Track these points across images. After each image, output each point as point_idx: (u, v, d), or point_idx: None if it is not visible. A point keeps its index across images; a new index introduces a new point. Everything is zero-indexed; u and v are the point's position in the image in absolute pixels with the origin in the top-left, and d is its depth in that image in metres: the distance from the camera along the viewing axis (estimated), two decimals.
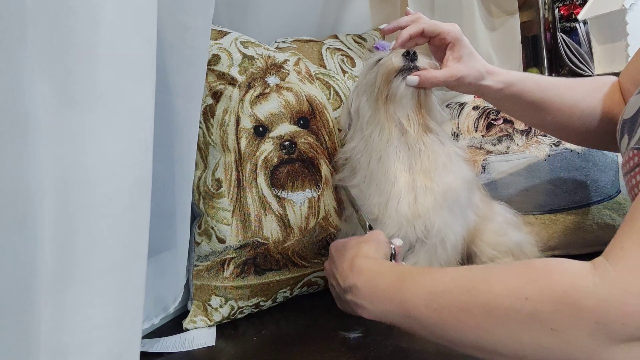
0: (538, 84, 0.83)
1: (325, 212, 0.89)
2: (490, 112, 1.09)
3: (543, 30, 1.69)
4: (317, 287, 0.93)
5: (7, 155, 0.42)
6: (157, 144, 0.57)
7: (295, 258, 0.87)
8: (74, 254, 0.47)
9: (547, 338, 0.47)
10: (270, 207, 0.84)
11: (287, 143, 0.86)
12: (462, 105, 1.13)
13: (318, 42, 1.02)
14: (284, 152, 0.86)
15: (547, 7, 1.70)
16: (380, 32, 0.87)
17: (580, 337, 0.46)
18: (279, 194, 0.85)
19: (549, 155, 1.01)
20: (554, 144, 1.02)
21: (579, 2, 1.73)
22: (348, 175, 0.87)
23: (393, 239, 0.73)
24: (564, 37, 1.71)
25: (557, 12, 1.74)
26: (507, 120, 1.07)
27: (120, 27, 0.50)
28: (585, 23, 1.65)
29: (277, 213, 0.85)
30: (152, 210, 0.56)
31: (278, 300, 0.89)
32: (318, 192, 0.88)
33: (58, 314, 0.47)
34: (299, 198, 0.86)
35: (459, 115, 1.12)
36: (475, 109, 1.11)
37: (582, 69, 1.69)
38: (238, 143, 0.84)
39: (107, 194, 0.49)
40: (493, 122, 1.08)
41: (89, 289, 0.49)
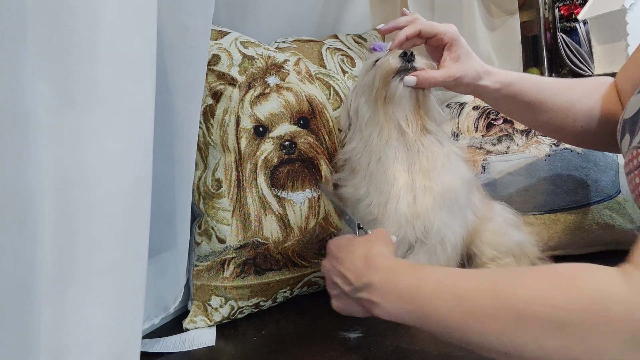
0: (535, 84, 0.83)
1: (325, 212, 0.89)
2: (490, 112, 1.09)
3: (543, 30, 1.69)
4: (317, 287, 0.93)
5: (7, 155, 0.42)
6: (157, 144, 0.57)
7: (295, 258, 0.87)
8: (74, 254, 0.47)
9: (575, 346, 0.46)
10: (270, 207, 0.84)
11: (287, 143, 0.86)
12: (462, 105, 1.13)
13: (318, 42, 1.02)
14: (284, 152, 0.86)
15: (547, 7, 1.70)
16: (378, 32, 0.87)
17: (610, 345, 0.45)
18: (279, 194, 0.85)
19: (549, 155, 1.01)
20: (554, 144, 1.02)
21: (579, 2, 1.73)
22: (347, 176, 0.87)
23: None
24: (564, 37, 1.70)
25: (557, 12, 1.74)
26: (507, 120, 1.07)
27: (120, 27, 0.50)
28: (585, 23, 1.65)
29: (277, 213, 0.85)
30: (152, 210, 0.56)
31: (278, 300, 0.89)
32: (318, 192, 0.88)
33: (58, 314, 0.47)
34: (299, 198, 0.86)
35: (459, 115, 1.12)
36: (475, 109, 1.10)
37: (582, 69, 1.69)
38: (238, 143, 0.84)
39: (107, 194, 0.49)
40: (493, 122, 1.08)
41: (89, 289, 0.49)
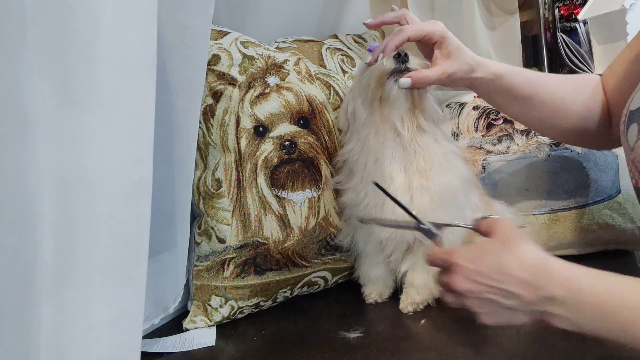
0: (526, 78, 0.84)
1: (325, 212, 0.89)
2: (491, 112, 1.09)
3: (543, 30, 1.69)
4: (317, 287, 0.93)
5: (7, 155, 0.42)
6: (157, 144, 0.57)
7: (296, 258, 0.87)
8: (74, 254, 0.47)
9: None
10: (270, 207, 0.84)
11: (287, 143, 0.86)
12: (462, 105, 1.13)
13: (318, 42, 1.02)
14: (284, 152, 0.86)
15: (547, 6, 1.70)
16: (366, 26, 0.88)
17: None
18: (279, 194, 0.85)
19: (549, 155, 1.01)
20: (554, 144, 1.02)
21: (579, 2, 1.73)
22: (345, 178, 0.87)
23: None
24: (564, 37, 1.70)
25: (557, 12, 1.73)
26: (507, 120, 1.07)
27: (120, 27, 0.50)
28: (585, 23, 1.65)
29: (277, 213, 0.85)
30: (152, 210, 0.56)
31: (278, 300, 0.89)
32: (318, 192, 0.88)
33: (58, 314, 0.47)
34: (299, 198, 0.86)
35: (459, 115, 1.12)
36: (475, 109, 1.10)
37: (582, 69, 1.69)
38: (238, 143, 0.84)
39: (107, 194, 0.49)
40: (493, 122, 1.08)
41: (89, 289, 0.49)
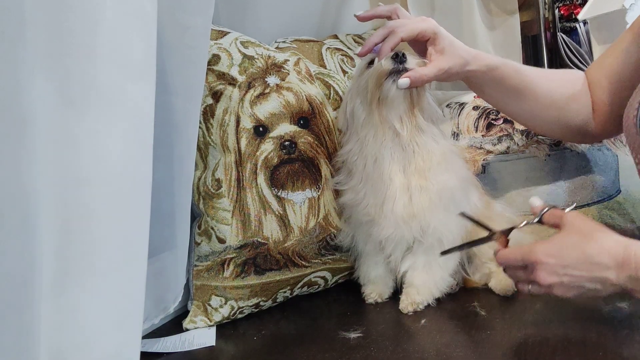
0: (516, 71, 0.87)
1: (326, 212, 0.89)
2: (491, 112, 1.09)
3: (543, 30, 1.69)
4: (317, 287, 0.93)
5: (7, 155, 0.42)
6: (157, 144, 0.57)
7: (296, 258, 0.87)
8: (74, 254, 0.47)
9: None
10: (271, 207, 0.84)
11: (287, 143, 0.86)
12: (462, 105, 1.13)
13: (318, 42, 1.02)
14: (284, 152, 0.86)
15: (547, 6, 1.70)
16: (357, 19, 0.88)
17: None
18: (279, 194, 0.85)
19: (549, 155, 1.01)
20: (554, 144, 1.02)
21: (579, 2, 1.73)
22: (344, 178, 0.87)
23: (536, 203, 0.75)
24: (564, 37, 1.70)
25: (557, 12, 1.73)
26: (507, 120, 1.07)
27: (120, 27, 0.50)
28: (585, 23, 1.65)
29: (277, 213, 0.85)
30: (152, 210, 0.56)
31: (278, 300, 0.89)
32: (318, 192, 0.88)
33: (58, 314, 0.47)
34: (299, 198, 0.86)
35: (459, 115, 1.12)
36: (475, 109, 1.10)
37: (582, 69, 1.69)
38: (238, 143, 0.84)
39: (107, 194, 0.49)
40: (493, 122, 1.08)
41: (89, 289, 0.49)
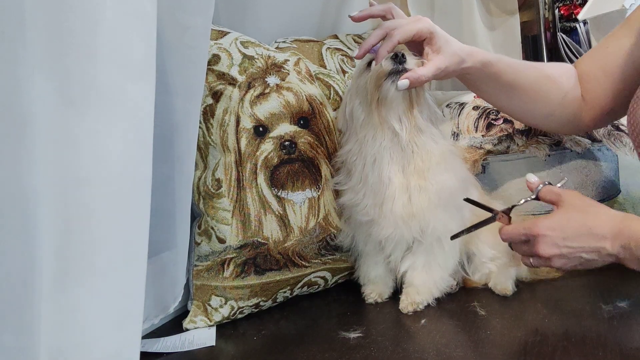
0: (509, 66, 0.88)
1: (326, 212, 0.89)
2: (491, 112, 1.09)
3: (543, 30, 1.69)
4: (317, 287, 0.93)
5: (7, 155, 0.42)
6: (157, 144, 0.57)
7: (295, 258, 0.87)
8: (74, 254, 0.47)
9: None
10: (271, 207, 0.84)
11: (287, 143, 0.86)
12: (462, 106, 1.13)
13: (318, 42, 1.02)
14: (284, 152, 0.86)
15: (547, 7, 1.70)
16: (351, 19, 0.88)
17: None
18: (279, 194, 0.85)
19: (549, 155, 1.01)
20: (554, 144, 1.02)
21: (579, 2, 1.73)
22: (344, 178, 0.87)
23: (532, 179, 0.80)
24: (564, 37, 1.70)
25: (557, 12, 1.73)
26: (507, 120, 1.07)
27: (120, 27, 0.50)
28: (585, 23, 1.65)
29: (277, 213, 0.85)
30: (152, 210, 0.56)
31: (278, 300, 0.89)
32: (318, 192, 0.88)
33: (58, 314, 0.47)
34: (299, 198, 0.86)
35: (459, 115, 1.11)
36: (475, 109, 1.10)
37: None
38: (238, 143, 0.84)
39: (107, 194, 0.49)
40: (493, 122, 1.08)
41: (89, 289, 0.49)
